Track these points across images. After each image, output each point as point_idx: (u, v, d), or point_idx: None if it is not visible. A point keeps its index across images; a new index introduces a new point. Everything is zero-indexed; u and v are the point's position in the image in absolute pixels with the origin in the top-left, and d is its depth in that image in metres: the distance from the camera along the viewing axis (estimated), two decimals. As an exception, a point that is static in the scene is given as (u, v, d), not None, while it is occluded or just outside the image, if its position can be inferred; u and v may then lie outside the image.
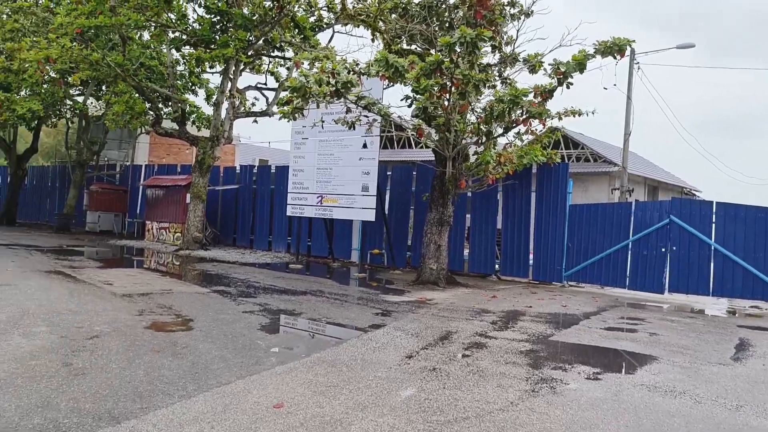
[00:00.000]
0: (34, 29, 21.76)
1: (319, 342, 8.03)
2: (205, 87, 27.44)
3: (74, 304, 9.21)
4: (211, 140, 20.65)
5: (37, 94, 24.03)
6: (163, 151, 32.34)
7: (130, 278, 12.60)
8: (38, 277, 11.97)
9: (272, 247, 20.96)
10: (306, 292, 12.15)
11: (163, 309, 9.29)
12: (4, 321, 7.69)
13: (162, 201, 22.66)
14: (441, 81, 11.41)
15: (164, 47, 22.28)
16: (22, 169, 29.63)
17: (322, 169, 17.06)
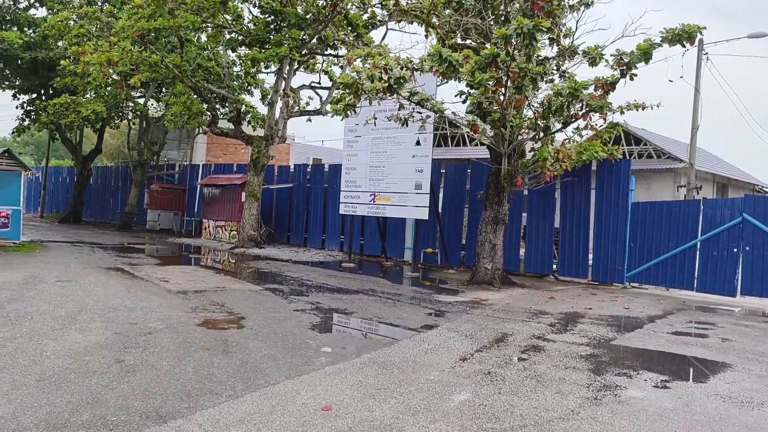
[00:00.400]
0: (98, 34, 22.48)
1: (370, 342, 7.86)
2: (260, 87, 27.81)
3: (130, 300, 9.35)
4: (266, 139, 20.83)
5: (101, 96, 24.90)
6: (220, 151, 32.95)
7: (185, 275, 12.77)
8: (98, 273, 12.27)
9: (325, 246, 20.98)
10: (358, 291, 12.02)
11: (216, 306, 9.32)
12: (63, 316, 7.84)
13: (218, 200, 23.03)
14: (496, 75, 11.05)
15: (220, 48, 22.65)
16: (88, 169, 30.74)
17: (374, 167, 16.91)
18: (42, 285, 10.28)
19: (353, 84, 11.29)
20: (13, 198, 15.98)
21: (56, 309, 8.27)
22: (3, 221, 15.71)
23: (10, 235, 15.87)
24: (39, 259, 14.08)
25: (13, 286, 9.95)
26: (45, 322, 7.40)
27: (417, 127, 14.83)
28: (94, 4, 26.55)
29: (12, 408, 4.53)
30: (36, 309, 8.18)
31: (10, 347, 6.16)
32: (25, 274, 11.49)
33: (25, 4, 28.70)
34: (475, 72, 10.69)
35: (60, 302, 8.79)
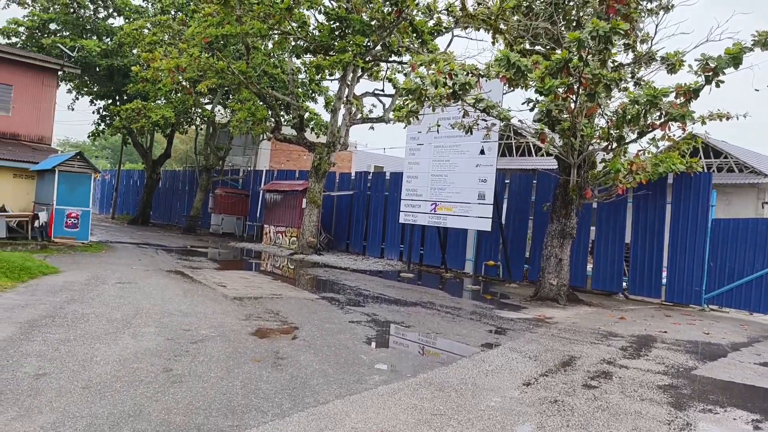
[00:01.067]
0: (170, 42, 23.08)
1: (427, 360, 7.45)
2: (324, 94, 27.94)
3: (186, 305, 9.28)
4: (328, 146, 20.78)
5: (170, 102, 25.56)
6: (284, 157, 33.30)
7: (243, 281, 12.72)
8: (159, 276, 12.36)
9: (384, 255, 20.69)
10: (416, 303, 11.63)
11: (270, 314, 9.13)
12: (118, 320, 7.80)
13: (279, 205, 23.14)
14: (567, 81, 10.47)
15: (286, 55, 22.85)
16: (157, 172, 31.66)
17: (436, 176, 16.51)
18: (103, 286, 10.38)
19: (416, 90, 10.96)
20: (83, 199, 16.46)
21: (113, 312, 8.27)
22: (73, 222, 16.19)
23: (79, 235, 16.34)
24: (104, 260, 14.37)
25: (76, 287, 10.09)
26: (100, 325, 7.37)
27: (481, 136, 14.37)
28: (167, 13, 27.35)
29: (53, 417, 4.39)
30: (93, 311, 8.20)
31: (63, 351, 6.10)
32: (89, 274, 11.69)
33: (104, 14, 29.92)
34: (545, 77, 10.15)
35: (118, 305, 8.80)
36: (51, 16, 27.69)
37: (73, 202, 16.22)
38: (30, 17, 27.47)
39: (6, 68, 20.58)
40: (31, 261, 10.99)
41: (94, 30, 28.85)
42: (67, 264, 12.95)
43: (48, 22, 27.83)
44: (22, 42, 27.64)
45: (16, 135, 20.86)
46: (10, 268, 10.10)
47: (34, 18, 27.40)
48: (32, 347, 6.12)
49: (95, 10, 29.48)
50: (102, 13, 29.78)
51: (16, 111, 20.89)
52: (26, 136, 21.08)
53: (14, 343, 6.23)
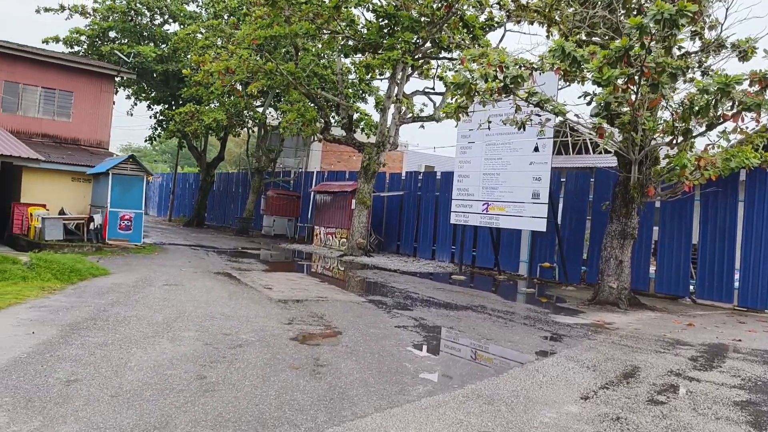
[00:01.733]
0: (222, 45, 23.31)
1: (476, 369, 6.98)
2: (374, 94, 27.70)
3: (229, 308, 9.11)
4: (377, 146, 20.49)
5: (222, 105, 25.82)
6: (334, 158, 33.24)
7: (289, 283, 12.53)
8: (206, 278, 12.31)
9: (436, 256, 20.23)
10: (467, 306, 11.15)
11: (314, 318, 8.85)
12: (159, 323, 7.67)
13: (329, 207, 23.00)
14: (628, 71, 9.78)
15: (334, 55, 22.70)
16: (211, 175, 32.12)
17: (488, 175, 15.95)
18: (150, 288, 10.36)
19: (465, 84, 10.48)
20: (136, 202, 16.69)
21: (155, 314, 8.15)
22: (126, 224, 16.43)
23: (132, 237, 16.56)
24: (155, 261, 14.48)
25: (123, 289, 10.08)
26: (140, 329, 7.23)
27: (535, 132, 13.76)
28: (220, 17, 27.69)
29: (76, 428, 4.18)
30: (136, 313, 8.10)
31: (98, 355, 5.95)
32: (138, 276, 11.73)
33: (160, 21, 30.58)
34: (603, 67, 9.50)
35: (161, 307, 8.70)
36: (110, 25, 28.47)
37: (126, 204, 16.47)
38: (91, 26, 28.32)
39: (67, 75, 21.19)
40: (82, 263, 11.10)
41: (150, 36, 29.51)
42: (118, 266, 13.08)
43: (107, 30, 28.63)
44: (84, 51, 28.52)
45: (76, 140, 21.44)
46: (61, 270, 10.20)
47: (95, 27, 28.23)
48: (69, 351, 6.00)
49: (151, 17, 30.17)
50: (158, 20, 30.45)
51: (75, 116, 21.48)
52: (85, 140, 21.65)
53: (53, 347, 6.13)
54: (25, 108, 20.84)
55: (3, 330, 6.66)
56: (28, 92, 20.94)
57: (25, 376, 5.12)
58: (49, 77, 20.92)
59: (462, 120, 16.35)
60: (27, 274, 9.58)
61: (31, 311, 7.70)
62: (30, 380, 5.03)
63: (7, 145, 15.94)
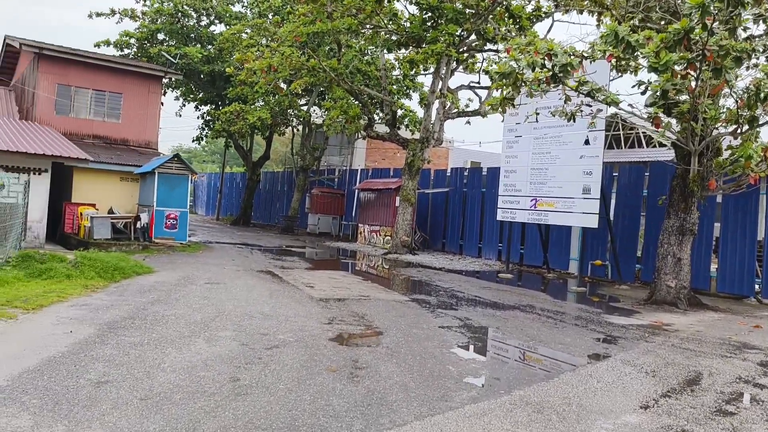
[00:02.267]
0: (267, 44, 23.36)
1: (524, 374, 6.57)
2: (419, 90, 27.33)
3: (269, 307, 8.93)
4: (421, 142, 20.13)
5: (267, 104, 25.92)
6: (379, 156, 33.00)
7: (331, 281, 12.32)
8: (248, 276, 12.21)
9: (482, 254, 19.74)
10: (514, 306, 10.70)
11: (355, 318, 8.58)
12: (197, 322, 7.53)
13: (373, 204, 22.77)
14: (687, 56, 9.16)
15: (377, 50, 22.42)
16: (257, 174, 32.35)
17: (536, 170, 15.39)
18: (191, 287, 10.29)
19: (511, 73, 10.03)
20: (181, 201, 16.80)
21: (194, 313, 8.03)
22: (172, 222, 16.56)
23: (177, 235, 16.69)
24: (199, 259, 14.51)
25: (164, 287, 10.05)
26: (177, 328, 7.10)
27: (585, 125, 13.16)
28: (265, 16, 27.82)
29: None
30: (175, 312, 8.00)
31: (133, 355, 5.82)
32: (181, 274, 11.71)
33: (206, 22, 30.97)
34: (661, 52, 8.90)
35: (200, 306, 8.59)
36: (158, 27, 28.97)
37: (172, 203, 16.59)
38: (140, 29, 28.88)
39: (116, 77, 21.56)
40: (126, 261, 11.15)
41: (197, 38, 29.91)
42: (162, 264, 13.13)
43: (156, 32, 29.14)
44: (134, 53, 29.10)
45: (126, 140, 21.80)
46: (104, 269, 10.24)
47: (143, 29, 28.77)
48: (104, 351, 5.89)
49: (198, 18, 30.57)
50: (204, 21, 30.84)
51: (124, 117, 21.84)
52: (134, 141, 21.99)
53: (88, 346, 6.03)
54: (77, 110, 21.30)
55: (42, 329, 6.62)
56: (80, 94, 21.39)
57: (57, 377, 5.01)
58: (100, 79, 21.32)
59: (508, 113, 15.85)
60: (71, 273, 9.64)
61: (71, 309, 7.68)
62: (61, 381, 4.91)
63: (58, 146, 16.27)
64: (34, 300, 7.90)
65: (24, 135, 17.05)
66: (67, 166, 17.67)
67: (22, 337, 6.23)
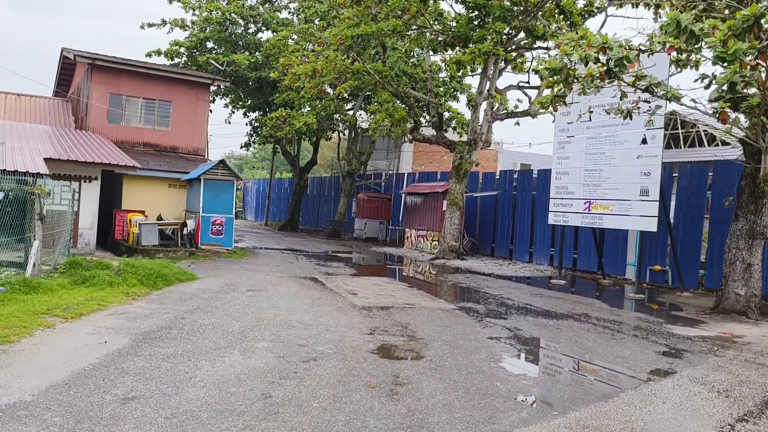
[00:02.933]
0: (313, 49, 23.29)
1: (580, 392, 6.04)
2: (466, 92, 26.79)
3: (309, 315, 8.64)
4: (468, 144, 19.62)
5: (313, 109, 25.86)
6: (426, 159, 32.57)
7: (376, 288, 11.96)
8: (291, 283, 11.98)
9: (533, 259, 19.06)
10: (568, 315, 10.10)
11: (398, 328, 8.19)
12: (234, 332, 7.29)
13: (420, 208, 22.35)
14: (757, 45, 8.43)
15: (423, 53, 22.04)
16: (304, 179, 32.39)
17: (590, 171, 14.69)
18: (232, 294, 10.12)
19: (563, 69, 9.47)
20: (227, 206, 16.78)
21: (232, 323, 7.80)
22: (218, 228, 16.55)
23: (224, 241, 16.67)
24: (243, 266, 14.40)
25: (206, 294, 9.90)
26: (213, 339, 6.87)
27: (642, 123, 12.42)
28: (311, 21, 27.82)
29: (120, 456, 3.75)
30: (212, 322, 7.79)
31: (164, 368, 5.59)
32: (224, 281, 11.58)
33: (254, 29, 31.24)
34: (729, 40, 8.21)
35: (239, 315, 8.37)
36: (207, 35, 29.36)
37: (218, 209, 16.59)
38: (189, 38, 29.34)
39: (165, 86, 21.87)
40: (169, 268, 11.08)
41: (245, 45, 30.18)
42: (206, 270, 13.06)
43: (204, 40, 29.55)
44: (184, 62, 29.57)
45: (175, 148, 22.06)
46: (147, 276, 10.17)
47: (193, 38, 29.21)
48: (135, 364, 5.69)
49: (245, 26, 30.87)
50: (252, 29, 31.12)
51: (174, 125, 22.11)
52: (183, 148, 22.22)
53: (120, 358, 5.85)
54: (128, 119, 21.68)
55: (78, 339, 6.49)
56: (131, 103, 21.76)
57: (83, 392, 4.80)
58: (150, 88, 21.66)
59: (559, 113, 15.23)
60: (114, 280, 9.60)
61: (109, 319, 7.57)
62: (86, 397, 4.70)
63: (107, 154, 16.50)
64: (75, 308, 7.82)
65: (76, 144, 17.40)
66: (117, 174, 17.95)
67: (56, 347, 6.10)
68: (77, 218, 15.75)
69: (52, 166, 15.10)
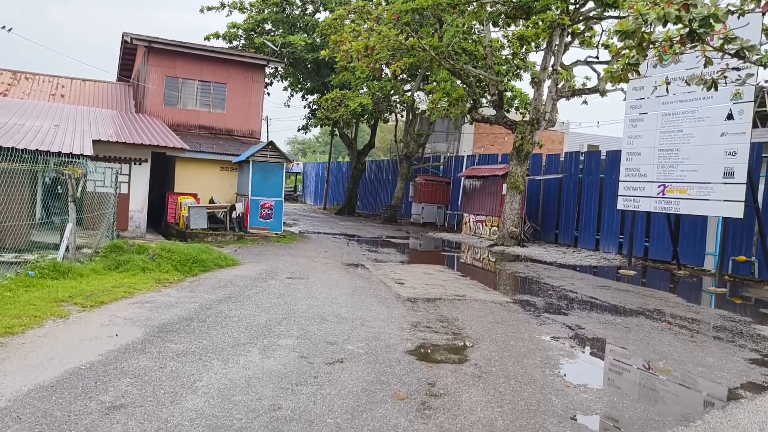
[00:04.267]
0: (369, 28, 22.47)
1: (653, 411, 5.03)
2: (530, 70, 25.37)
3: (347, 307, 7.92)
4: (531, 123, 18.37)
5: (369, 89, 25.05)
6: (487, 141, 31.30)
7: (425, 277, 11.14)
8: (335, 270, 11.32)
9: (600, 247, 17.74)
10: (638, 311, 8.99)
11: (443, 324, 7.36)
12: (260, 325, 6.65)
13: (478, 192, 21.28)
14: None
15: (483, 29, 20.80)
16: (362, 163, 31.74)
17: (665, 151, 13.31)
18: (270, 281, 9.53)
19: (636, 32, 8.27)
20: (276, 189, 16.27)
21: (260, 314, 7.18)
22: (267, 212, 16.09)
23: (273, 225, 16.20)
24: (290, 251, 13.87)
25: (242, 282, 9.35)
26: (234, 333, 6.25)
27: (728, 96, 11.04)
28: (368, 0, 26.95)
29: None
30: (240, 313, 7.18)
31: (168, 369, 4.98)
32: (265, 267, 11.04)
33: (312, 9, 30.68)
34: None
35: (270, 305, 7.73)
36: (264, 17, 29.02)
37: (267, 192, 16.11)
38: (247, 20, 29.08)
39: (221, 67, 21.60)
40: (209, 253, 10.60)
41: (303, 26, 29.68)
42: (251, 255, 12.58)
43: (262, 22, 29.23)
44: (242, 45, 29.35)
45: (230, 130, 21.80)
46: (182, 261, 9.70)
47: (250, 20, 28.94)
48: (137, 363, 5.10)
49: (303, 6, 30.35)
50: (309, 9, 30.57)
51: (229, 107, 21.85)
52: (238, 131, 21.93)
53: (123, 355, 5.28)
54: (184, 101, 21.55)
55: (87, 331, 6.00)
56: (186, 86, 21.61)
57: (67, 398, 4.23)
58: (205, 70, 21.44)
59: (631, 87, 13.92)
60: (148, 265, 9.17)
61: (131, 308, 7.08)
62: (68, 404, 4.12)
63: (157, 136, 16.28)
64: (98, 296, 7.38)
65: (128, 126, 17.28)
66: (169, 156, 17.77)
67: (61, 340, 5.61)
68: (127, 201, 15.62)
69: (102, 148, 14.98)
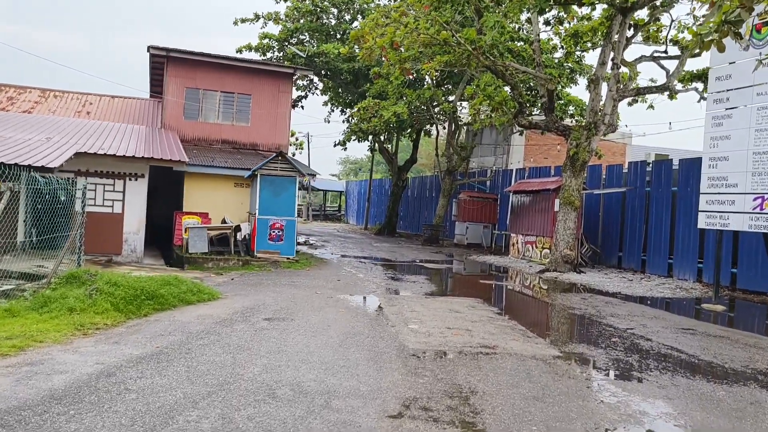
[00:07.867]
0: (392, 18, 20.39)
1: None
2: (586, 74, 22.66)
3: (320, 370, 5.57)
4: (587, 128, 15.71)
5: (405, 98, 22.83)
6: (540, 154, 28.53)
7: (449, 317, 8.67)
8: (335, 306, 8.99)
9: (673, 272, 14.82)
10: (746, 373, 6.29)
11: (452, 400, 4.92)
12: (165, 408, 4.40)
13: (527, 209, 18.63)
14: None
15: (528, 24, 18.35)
16: (403, 180, 29.50)
17: (762, 155, 10.50)
18: (237, 326, 7.29)
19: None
20: (288, 207, 14.12)
21: (178, 386, 4.92)
22: (277, 233, 13.96)
23: (283, 249, 14.03)
24: (295, 280, 11.66)
25: (198, 327, 7.15)
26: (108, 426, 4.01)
27: None
28: (404, 0, 24.92)
29: None
30: (148, 384, 4.93)
31: None
32: (246, 303, 8.83)
33: (348, 18, 28.96)
34: None
35: (208, 369, 5.47)
36: (298, 26, 27.46)
37: (277, 210, 14.00)
38: (282, 30, 27.59)
39: (244, 77, 19.92)
40: (175, 286, 8.46)
41: (340, 36, 27.98)
42: (243, 287, 10.45)
43: (295, 32, 27.66)
44: (276, 57, 27.80)
45: (255, 144, 20.01)
46: (129, 298, 7.53)
47: (284, 30, 27.43)
48: None
49: (338, 15, 28.66)
50: (347, 17, 28.86)
51: (254, 120, 20.09)
52: (264, 145, 20.09)
53: None
54: (205, 114, 19.93)
55: None
56: (208, 97, 19.99)
57: None
58: (227, 81, 19.79)
59: (713, 77, 11.26)
60: (79, 305, 7.10)
61: None
62: None
63: (155, 148, 14.50)
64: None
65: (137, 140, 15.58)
66: (178, 172, 15.99)
67: None
68: (121, 221, 13.83)
69: (90, 161, 13.29)
